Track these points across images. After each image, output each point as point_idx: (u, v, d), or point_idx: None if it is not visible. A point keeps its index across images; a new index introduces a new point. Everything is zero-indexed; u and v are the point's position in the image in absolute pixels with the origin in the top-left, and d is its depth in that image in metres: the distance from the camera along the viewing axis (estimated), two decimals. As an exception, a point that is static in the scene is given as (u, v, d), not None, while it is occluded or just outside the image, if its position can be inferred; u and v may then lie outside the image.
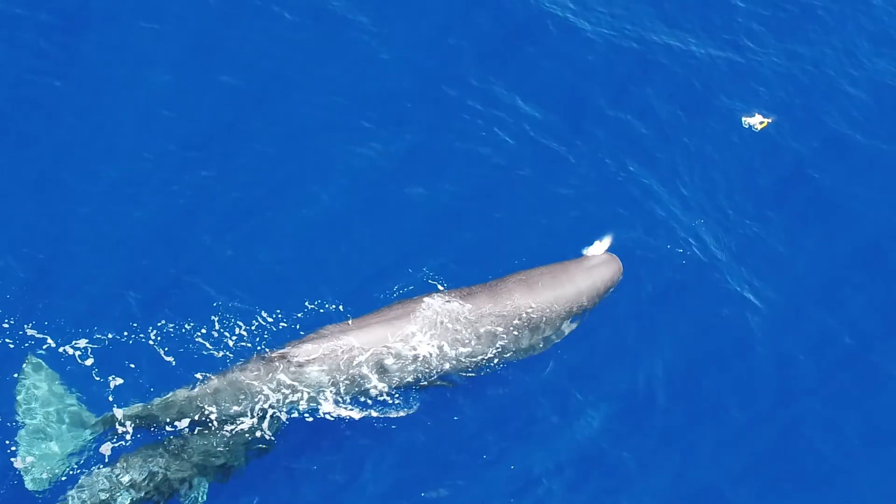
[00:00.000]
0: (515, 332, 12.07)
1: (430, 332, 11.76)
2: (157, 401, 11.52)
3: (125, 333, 12.03)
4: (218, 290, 12.57)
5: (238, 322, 12.24)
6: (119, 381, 11.71)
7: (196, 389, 11.52)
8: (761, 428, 12.94)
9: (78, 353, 11.84)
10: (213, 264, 12.88)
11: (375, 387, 11.72)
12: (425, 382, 11.92)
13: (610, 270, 12.60)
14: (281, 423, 11.61)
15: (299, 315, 12.40)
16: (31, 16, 14.15)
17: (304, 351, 11.55)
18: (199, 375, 11.63)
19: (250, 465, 11.63)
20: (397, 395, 11.82)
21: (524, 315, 12.09)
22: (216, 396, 11.51)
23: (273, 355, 11.53)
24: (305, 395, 11.60)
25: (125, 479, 11.18)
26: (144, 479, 11.20)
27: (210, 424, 11.51)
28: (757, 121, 14.89)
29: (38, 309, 12.21)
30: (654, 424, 12.74)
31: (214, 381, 11.54)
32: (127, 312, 12.34)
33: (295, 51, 14.52)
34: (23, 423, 11.35)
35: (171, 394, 11.52)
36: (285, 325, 12.28)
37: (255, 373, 11.53)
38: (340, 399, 11.69)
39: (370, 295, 12.65)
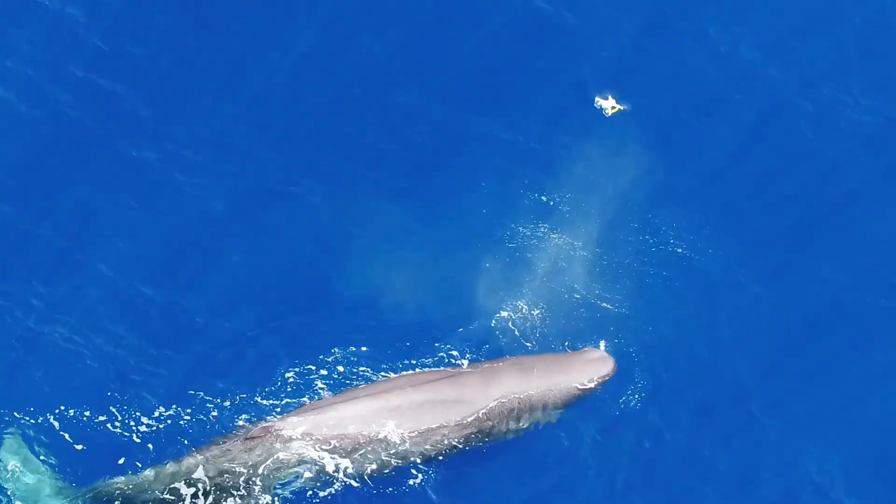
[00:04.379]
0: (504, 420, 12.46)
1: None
2: (138, 476, 11.83)
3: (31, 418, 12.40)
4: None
5: (137, 412, 12.57)
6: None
7: (174, 467, 11.75)
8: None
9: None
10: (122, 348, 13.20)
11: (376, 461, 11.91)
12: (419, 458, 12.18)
13: (606, 368, 12.84)
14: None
15: (188, 410, 12.67)
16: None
17: (290, 424, 11.75)
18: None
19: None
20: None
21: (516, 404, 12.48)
22: (197, 472, 11.68)
23: (256, 429, 11.77)
24: (288, 471, 11.76)
25: None
26: None
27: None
28: (609, 104, 14.68)
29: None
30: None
31: (195, 457, 11.78)
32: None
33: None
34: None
35: (147, 471, 11.84)
36: (188, 418, 12.59)
37: (236, 449, 11.71)
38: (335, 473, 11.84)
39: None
